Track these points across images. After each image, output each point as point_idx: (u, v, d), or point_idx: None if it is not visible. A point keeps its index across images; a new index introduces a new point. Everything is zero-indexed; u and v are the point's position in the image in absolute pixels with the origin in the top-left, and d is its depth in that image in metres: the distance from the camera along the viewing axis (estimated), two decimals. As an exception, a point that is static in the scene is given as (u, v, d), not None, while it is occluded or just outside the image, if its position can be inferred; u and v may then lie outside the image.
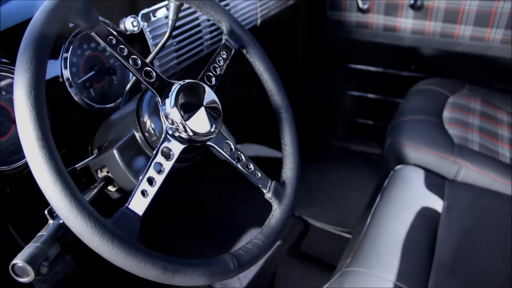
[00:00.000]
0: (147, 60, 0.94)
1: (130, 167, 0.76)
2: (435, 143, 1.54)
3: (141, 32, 1.05)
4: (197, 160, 0.82)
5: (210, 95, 0.78)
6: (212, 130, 0.75)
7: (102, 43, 0.69)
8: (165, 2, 1.09)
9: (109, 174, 0.79)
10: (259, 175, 0.84)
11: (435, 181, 1.43)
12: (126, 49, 0.71)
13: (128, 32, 0.99)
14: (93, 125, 0.90)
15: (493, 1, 1.88)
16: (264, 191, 0.84)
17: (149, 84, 0.73)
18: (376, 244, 1.19)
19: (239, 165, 0.81)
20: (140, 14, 1.04)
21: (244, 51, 0.93)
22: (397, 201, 1.32)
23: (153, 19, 1.07)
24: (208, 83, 0.83)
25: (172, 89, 0.73)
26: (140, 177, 0.66)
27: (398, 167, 1.50)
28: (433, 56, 2.16)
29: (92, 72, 0.96)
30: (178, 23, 1.15)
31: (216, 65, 0.86)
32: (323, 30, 2.23)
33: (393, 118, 1.76)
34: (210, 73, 0.84)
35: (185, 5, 1.08)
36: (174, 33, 1.15)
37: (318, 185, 2.13)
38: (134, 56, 0.71)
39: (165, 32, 0.98)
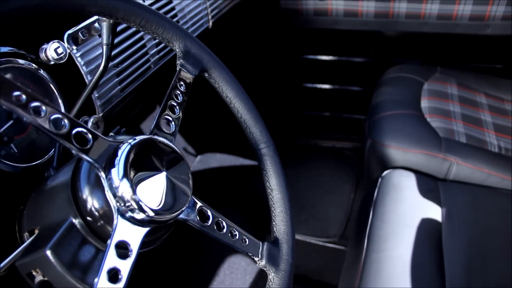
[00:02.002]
0: (73, 113, 0.72)
1: (74, 268, 0.55)
2: (421, 140, 1.40)
3: (70, 58, 0.83)
4: (165, 239, 0.62)
5: (171, 153, 0.58)
6: (181, 203, 0.56)
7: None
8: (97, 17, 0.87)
9: (47, 278, 0.58)
10: (247, 240, 0.65)
11: (428, 185, 1.28)
12: (43, 107, 0.48)
13: (52, 62, 0.77)
14: (21, 194, 0.68)
15: (460, -25, 1.75)
16: (256, 259, 0.66)
17: (84, 152, 0.51)
18: (380, 273, 1.03)
19: (221, 234, 0.62)
20: (65, 36, 0.82)
21: (206, 75, 0.73)
22: (394, 217, 1.16)
23: (83, 39, 0.85)
24: (166, 131, 0.62)
25: (119, 154, 0.52)
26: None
27: (385, 173, 1.34)
28: (399, 40, 2.02)
29: (10, 122, 0.72)
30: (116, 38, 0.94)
31: (173, 103, 0.64)
32: (279, 22, 2.04)
33: (369, 114, 1.60)
34: (167, 117, 0.63)
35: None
36: (115, 50, 0.93)
37: (292, 191, 1.94)
38: (56, 116, 0.49)
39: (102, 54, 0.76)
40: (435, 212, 1.19)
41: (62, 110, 0.80)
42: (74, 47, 0.83)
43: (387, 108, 1.55)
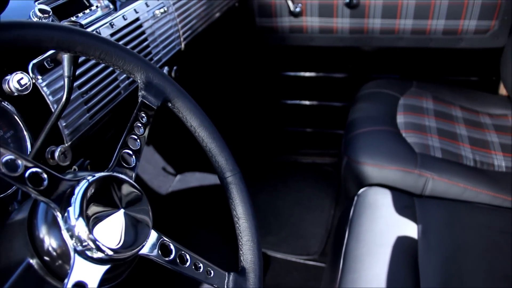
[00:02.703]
0: (37, 144, 0.71)
1: None
2: (396, 156, 1.40)
3: (36, 88, 0.82)
4: (127, 274, 0.61)
5: (129, 189, 0.57)
6: (140, 240, 0.55)
7: None
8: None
9: None
10: (212, 272, 0.64)
11: (404, 202, 1.28)
12: None
13: (16, 93, 0.76)
14: None
15: (432, -8, 1.78)
16: None
17: (40, 192, 0.50)
18: (355, 295, 1.03)
19: (184, 268, 0.62)
20: (30, 66, 0.81)
21: (170, 105, 0.72)
22: (369, 236, 1.16)
23: (48, 69, 0.84)
24: (126, 165, 0.62)
25: (76, 193, 0.52)
26: None
27: (361, 190, 1.34)
28: (376, 55, 2.04)
29: None
30: (83, 65, 0.93)
31: (134, 136, 0.64)
32: (255, 40, 2.05)
33: (345, 131, 1.61)
34: (127, 151, 0.63)
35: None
36: (79, 80, 0.92)
37: (271, 209, 1.95)
38: (9, 157, 0.47)
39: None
40: (411, 229, 1.19)
41: (27, 141, 0.79)
42: (40, 77, 0.82)
43: (362, 125, 1.56)
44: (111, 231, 0.53)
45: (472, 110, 1.72)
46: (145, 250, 0.58)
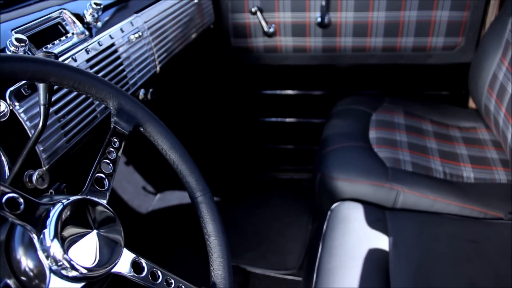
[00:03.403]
0: (15, 169, 0.74)
1: None
2: (368, 171, 1.45)
3: (13, 114, 0.85)
4: None
5: (102, 211, 0.61)
6: (111, 258, 0.58)
7: None
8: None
9: None
10: (183, 287, 0.68)
11: (376, 215, 1.32)
12: None
13: (-7, 121, 0.79)
14: None
15: (400, 11, 1.84)
16: None
17: (16, 216, 0.53)
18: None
19: (156, 284, 0.65)
20: (7, 93, 0.84)
21: (142, 129, 0.76)
22: (341, 250, 1.20)
23: (25, 95, 0.87)
24: (99, 188, 0.65)
25: (51, 215, 0.55)
26: None
27: (334, 205, 1.38)
28: (348, 72, 2.10)
29: None
30: (59, 90, 0.96)
31: (107, 161, 0.68)
32: (231, 60, 2.10)
33: (319, 147, 1.65)
34: (100, 175, 0.67)
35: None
36: (56, 106, 0.95)
37: (250, 225, 1.98)
38: None
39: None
40: (382, 241, 1.23)
41: (6, 166, 0.82)
42: (17, 104, 0.85)
43: (335, 141, 1.60)
44: (85, 250, 0.56)
45: (442, 123, 1.78)
46: (118, 268, 0.61)
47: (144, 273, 0.64)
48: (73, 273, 0.55)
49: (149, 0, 1.47)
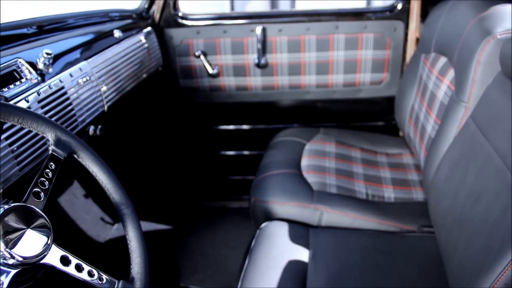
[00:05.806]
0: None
1: None
2: (295, 194, 1.61)
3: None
4: (38, 277, 0.81)
5: (37, 215, 0.78)
6: (41, 250, 0.76)
7: None
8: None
9: None
10: (104, 279, 0.84)
11: (300, 232, 1.48)
12: None
13: None
14: None
15: (328, 51, 2.06)
16: None
17: None
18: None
19: (81, 275, 0.81)
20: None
21: (75, 156, 0.94)
22: (264, 261, 1.35)
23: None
24: (36, 199, 0.82)
25: None
26: None
27: (263, 225, 1.54)
28: (287, 107, 2.29)
29: None
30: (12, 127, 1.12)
31: (43, 179, 0.85)
32: (179, 98, 2.28)
33: (255, 176, 1.82)
34: (37, 189, 0.83)
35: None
36: (10, 139, 1.11)
37: (199, 249, 2.13)
38: None
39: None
40: (303, 254, 1.38)
41: None
42: None
43: (269, 169, 1.78)
44: (22, 244, 0.74)
45: (371, 151, 1.97)
46: (47, 260, 0.78)
47: (69, 265, 0.81)
48: (10, 262, 0.73)
49: (100, 47, 1.64)
